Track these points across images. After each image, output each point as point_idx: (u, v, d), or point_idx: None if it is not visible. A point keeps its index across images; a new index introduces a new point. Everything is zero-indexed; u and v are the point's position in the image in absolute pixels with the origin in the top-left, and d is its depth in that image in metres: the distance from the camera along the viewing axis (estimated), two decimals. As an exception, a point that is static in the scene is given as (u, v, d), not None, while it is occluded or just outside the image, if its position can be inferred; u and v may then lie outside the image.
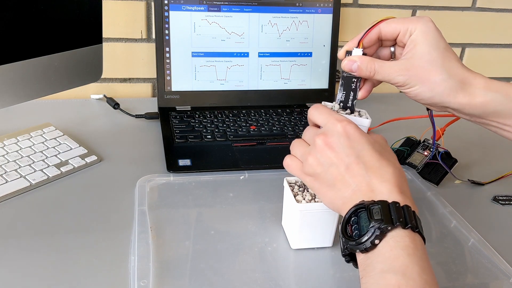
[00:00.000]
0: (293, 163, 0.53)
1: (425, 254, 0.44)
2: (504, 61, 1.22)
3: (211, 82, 0.94)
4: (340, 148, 0.48)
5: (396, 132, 0.84)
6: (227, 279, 0.54)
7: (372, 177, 0.47)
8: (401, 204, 0.45)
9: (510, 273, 0.58)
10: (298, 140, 0.54)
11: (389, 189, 0.46)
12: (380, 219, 0.44)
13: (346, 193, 0.48)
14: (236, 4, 0.91)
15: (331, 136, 0.49)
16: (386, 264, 0.42)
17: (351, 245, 0.45)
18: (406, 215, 0.44)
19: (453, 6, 1.12)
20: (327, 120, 0.51)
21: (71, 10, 0.72)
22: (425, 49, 0.52)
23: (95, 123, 0.89)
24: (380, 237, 0.43)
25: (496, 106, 0.53)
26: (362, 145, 0.49)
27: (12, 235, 0.58)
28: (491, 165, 0.84)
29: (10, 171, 0.68)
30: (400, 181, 0.48)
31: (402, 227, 0.44)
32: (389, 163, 0.48)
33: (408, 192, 0.48)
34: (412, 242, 0.43)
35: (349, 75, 0.54)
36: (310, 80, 0.98)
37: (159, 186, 0.70)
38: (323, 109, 0.52)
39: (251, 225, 0.63)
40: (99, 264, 0.55)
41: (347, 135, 0.49)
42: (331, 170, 0.49)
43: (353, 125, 0.49)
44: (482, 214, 0.70)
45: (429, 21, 0.53)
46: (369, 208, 0.45)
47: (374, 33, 0.54)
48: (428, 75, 0.52)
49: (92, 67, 0.78)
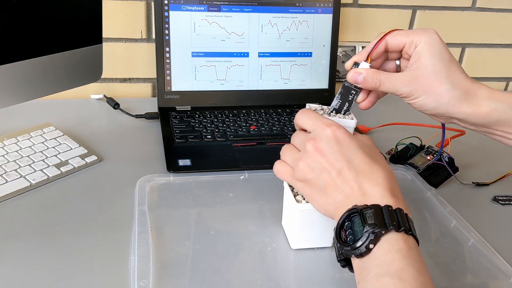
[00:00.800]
0: (283, 169, 0.53)
1: (419, 256, 0.44)
2: (504, 61, 1.22)
3: (211, 82, 0.94)
4: (330, 153, 0.49)
5: (399, 133, 0.85)
6: (227, 279, 0.54)
7: (364, 181, 0.47)
8: (394, 207, 0.45)
9: (510, 273, 0.58)
10: (287, 145, 0.54)
11: (381, 193, 0.47)
12: (373, 223, 0.44)
13: (338, 198, 0.48)
14: (236, 4, 0.91)
15: (320, 141, 0.49)
16: (381, 268, 0.43)
17: (346, 250, 0.45)
18: (399, 218, 0.45)
19: (453, 6, 1.12)
20: (316, 125, 0.51)
21: (71, 10, 0.72)
22: (429, 61, 0.53)
23: (95, 123, 0.89)
24: (374, 241, 0.44)
25: (500, 115, 0.53)
26: (352, 149, 0.49)
27: (12, 235, 0.58)
28: (490, 166, 0.84)
29: (10, 171, 0.68)
30: (392, 184, 0.48)
31: (396, 230, 0.44)
32: (379, 166, 0.49)
33: (400, 195, 0.48)
34: (406, 245, 0.44)
35: (350, 85, 0.55)
36: (310, 80, 0.98)
37: (159, 186, 0.70)
38: (310, 114, 0.52)
39: (251, 225, 0.63)
40: (99, 264, 0.55)
41: (337, 140, 0.49)
42: (322, 175, 0.49)
43: (343, 129, 0.50)
44: (482, 214, 0.70)
45: (434, 33, 0.54)
46: (363, 212, 0.45)
47: (381, 45, 0.55)
48: (433, 86, 0.53)
49: (92, 67, 0.78)
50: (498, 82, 1.26)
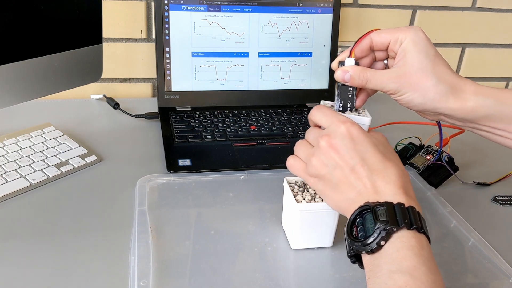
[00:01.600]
0: (296, 164, 0.53)
1: (431, 255, 0.44)
2: (504, 61, 1.22)
3: (211, 82, 0.94)
4: (344, 150, 0.49)
5: (398, 133, 0.85)
6: (227, 279, 0.54)
7: (377, 179, 0.48)
8: (406, 205, 0.45)
9: (510, 273, 0.58)
10: (301, 141, 0.54)
11: (393, 190, 0.47)
12: (385, 220, 0.44)
13: (351, 195, 0.48)
14: (236, 4, 0.91)
15: (334, 137, 0.49)
16: (393, 264, 0.43)
17: (357, 246, 0.45)
18: (411, 216, 0.45)
19: (453, 6, 1.12)
20: (330, 121, 0.51)
21: (71, 10, 0.72)
22: (415, 57, 0.53)
23: (95, 123, 0.89)
24: (386, 238, 0.44)
25: (487, 110, 0.54)
26: (366, 147, 0.49)
27: (12, 235, 0.58)
28: (490, 165, 0.84)
29: (10, 171, 0.68)
30: (405, 182, 0.48)
31: (408, 228, 0.44)
32: (393, 164, 0.49)
33: (412, 193, 0.49)
34: (418, 243, 0.44)
35: (344, 84, 0.55)
36: (310, 80, 0.98)
37: (159, 186, 0.70)
38: (325, 110, 0.53)
39: (251, 225, 0.63)
40: (99, 264, 0.55)
41: (351, 137, 0.49)
42: (335, 172, 0.49)
43: (357, 126, 0.50)
44: (482, 214, 0.70)
45: (419, 30, 0.54)
46: (375, 209, 0.45)
47: (365, 43, 0.55)
48: (419, 81, 0.53)
49: (92, 67, 0.78)
50: (498, 82, 1.26)
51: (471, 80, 0.55)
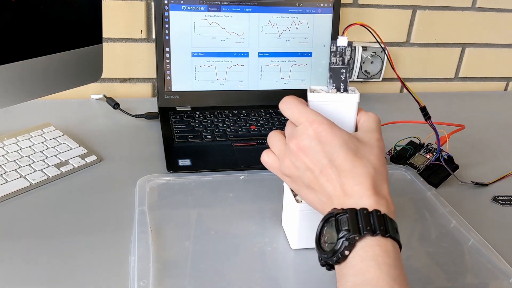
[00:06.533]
0: (269, 161, 0.53)
1: (397, 260, 0.43)
2: (504, 61, 1.22)
3: (211, 82, 0.94)
4: (313, 152, 0.48)
5: (398, 132, 0.84)
6: (227, 279, 0.54)
7: (345, 181, 0.46)
8: (372, 208, 0.44)
9: (510, 273, 0.58)
10: (275, 133, 0.53)
11: (361, 192, 0.45)
12: (347, 229, 0.43)
13: (323, 198, 0.48)
14: (236, 4, 0.91)
15: (302, 140, 0.48)
16: (358, 276, 0.42)
17: (323, 257, 0.45)
18: (375, 221, 0.43)
19: (453, 6, 1.12)
20: (299, 121, 0.50)
21: (71, 10, 0.72)
22: None
23: (95, 123, 0.89)
24: (349, 248, 0.43)
25: None
26: (334, 147, 0.47)
27: (12, 235, 0.58)
28: (490, 164, 0.84)
29: (10, 171, 0.68)
30: (375, 181, 0.46)
31: (371, 234, 0.42)
32: (362, 162, 0.47)
33: (385, 190, 0.47)
34: (382, 250, 0.42)
35: (337, 66, 0.54)
36: (310, 80, 0.98)
37: (159, 186, 0.70)
38: (293, 106, 0.52)
39: (251, 225, 0.63)
40: (99, 264, 0.55)
41: (319, 139, 0.48)
42: (306, 174, 0.48)
43: (325, 126, 0.48)
44: (482, 214, 0.70)
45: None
46: (337, 218, 0.44)
47: None
48: None
49: (92, 67, 0.78)
50: (498, 82, 1.26)
51: None
